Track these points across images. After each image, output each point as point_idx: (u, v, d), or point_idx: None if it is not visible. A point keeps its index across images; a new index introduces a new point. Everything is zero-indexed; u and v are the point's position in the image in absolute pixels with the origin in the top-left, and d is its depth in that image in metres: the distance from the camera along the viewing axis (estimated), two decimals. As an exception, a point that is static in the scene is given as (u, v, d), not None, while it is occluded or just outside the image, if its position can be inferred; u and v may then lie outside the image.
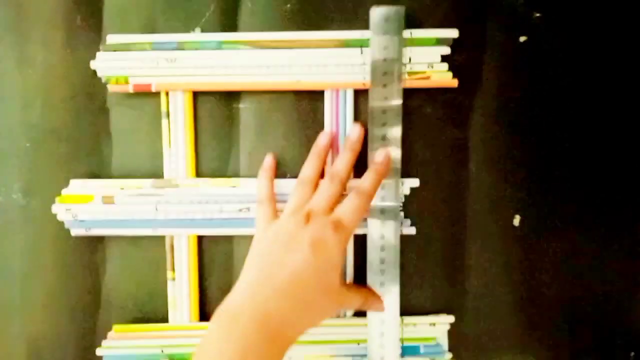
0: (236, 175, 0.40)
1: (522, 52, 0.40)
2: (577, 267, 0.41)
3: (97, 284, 0.41)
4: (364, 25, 0.39)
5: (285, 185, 0.39)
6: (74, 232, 0.39)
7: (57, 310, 0.41)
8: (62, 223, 0.39)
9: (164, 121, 0.39)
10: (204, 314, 0.41)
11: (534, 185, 0.40)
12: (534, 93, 0.40)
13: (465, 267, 0.41)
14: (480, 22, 0.40)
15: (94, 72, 0.39)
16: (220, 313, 0.32)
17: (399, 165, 0.38)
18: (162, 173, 0.40)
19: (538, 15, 0.40)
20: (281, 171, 0.40)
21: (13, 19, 0.40)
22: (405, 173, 0.40)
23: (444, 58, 0.39)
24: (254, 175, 0.40)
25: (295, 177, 0.40)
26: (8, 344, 0.41)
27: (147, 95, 0.39)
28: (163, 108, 0.39)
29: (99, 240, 0.40)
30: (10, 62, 0.40)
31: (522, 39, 0.40)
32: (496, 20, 0.40)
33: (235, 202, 0.39)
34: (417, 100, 0.40)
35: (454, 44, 0.39)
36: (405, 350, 0.40)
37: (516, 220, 0.41)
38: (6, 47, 0.40)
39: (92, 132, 0.40)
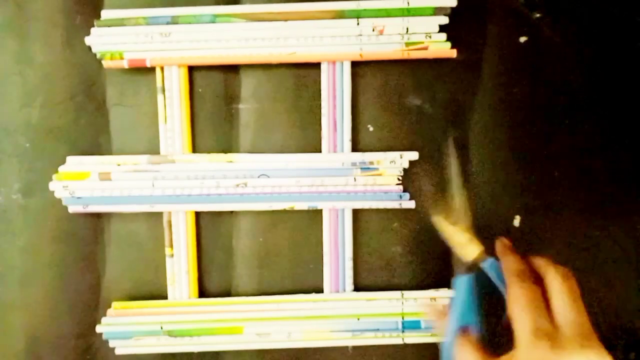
0: (233, 150, 0.40)
1: (522, 52, 0.40)
2: (577, 267, 0.40)
3: (96, 263, 0.41)
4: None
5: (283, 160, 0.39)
6: (72, 209, 0.39)
7: (57, 302, 0.41)
8: (61, 222, 0.40)
9: (160, 97, 0.39)
10: (203, 290, 0.41)
11: (534, 185, 0.40)
12: (534, 93, 0.40)
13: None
14: (481, 22, 0.39)
15: (95, 71, 0.39)
16: None
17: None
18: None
19: (538, 15, 0.39)
20: (281, 147, 0.40)
21: (13, 18, 0.40)
22: (405, 174, 0.39)
23: (442, 28, 0.38)
24: (251, 151, 0.40)
25: (296, 151, 0.40)
26: (8, 340, 0.41)
27: (146, 88, 0.40)
28: (158, 83, 0.39)
29: (97, 221, 0.40)
30: (9, 62, 0.40)
31: (522, 39, 0.39)
32: (496, 21, 0.39)
33: (232, 177, 0.39)
34: (417, 100, 0.40)
35: (454, 44, 0.38)
36: (406, 325, 0.39)
37: (516, 221, 0.40)
38: (6, 47, 0.40)
39: (91, 132, 0.40)
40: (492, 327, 0.31)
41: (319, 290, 0.40)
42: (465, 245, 0.33)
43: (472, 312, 0.31)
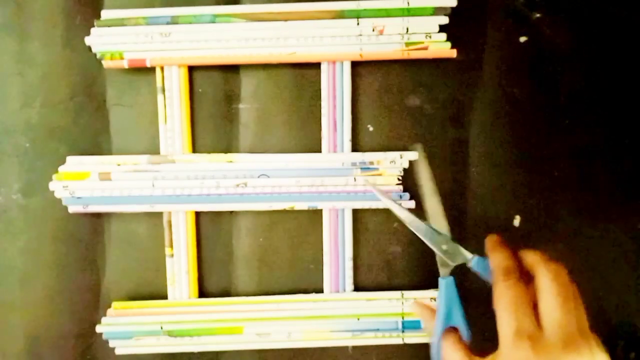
0: (233, 150, 0.40)
1: (522, 52, 0.40)
2: (576, 267, 0.40)
3: (96, 263, 0.41)
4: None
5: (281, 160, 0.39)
6: (72, 209, 0.39)
7: (57, 302, 0.41)
8: (61, 222, 0.40)
9: (160, 97, 0.39)
10: (203, 290, 0.41)
11: (534, 185, 0.40)
12: (534, 93, 0.40)
13: (465, 269, 0.40)
14: (481, 22, 0.39)
15: (95, 71, 0.39)
16: None
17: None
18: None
19: (538, 15, 0.39)
20: (281, 147, 0.40)
21: (13, 18, 0.40)
22: (405, 174, 0.39)
23: (442, 28, 0.38)
24: (251, 151, 0.40)
25: (296, 151, 0.39)
26: (8, 339, 0.41)
27: (146, 88, 0.39)
28: (158, 83, 0.39)
29: (97, 221, 0.40)
30: (9, 62, 0.40)
31: (522, 39, 0.39)
32: (496, 21, 0.39)
33: (232, 177, 0.39)
34: (417, 100, 0.40)
35: (454, 44, 0.38)
36: (406, 325, 0.39)
37: (516, 221, 0.40)
38: (6, 47, 0.40)
39: (91, 132, 0.40)
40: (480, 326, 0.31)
41: (319, 290, 0.40)
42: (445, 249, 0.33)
43: (458, 312, 0.31)
